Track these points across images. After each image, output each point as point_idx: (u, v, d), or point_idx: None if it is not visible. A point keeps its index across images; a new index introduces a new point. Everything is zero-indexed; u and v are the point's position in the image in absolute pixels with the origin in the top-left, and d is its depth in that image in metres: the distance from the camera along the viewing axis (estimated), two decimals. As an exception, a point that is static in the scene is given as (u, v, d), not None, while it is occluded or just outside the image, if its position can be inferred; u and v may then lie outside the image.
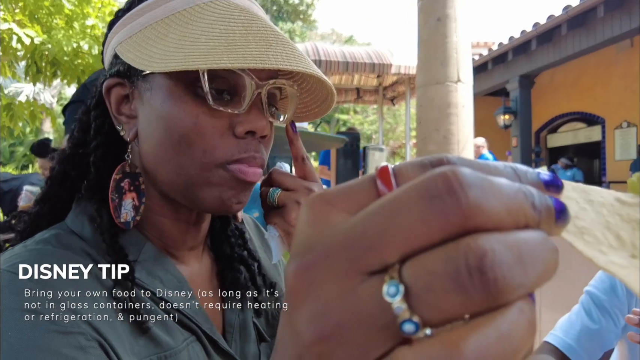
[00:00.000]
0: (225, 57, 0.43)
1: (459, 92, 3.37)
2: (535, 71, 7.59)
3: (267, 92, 0.49)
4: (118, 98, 0.51)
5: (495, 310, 0.15)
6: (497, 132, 9.06)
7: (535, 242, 0.16)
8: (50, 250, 0.46)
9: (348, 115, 20.26)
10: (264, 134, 0.49)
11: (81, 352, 0.39)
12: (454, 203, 0.15)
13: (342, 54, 4.34)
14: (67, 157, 0.54)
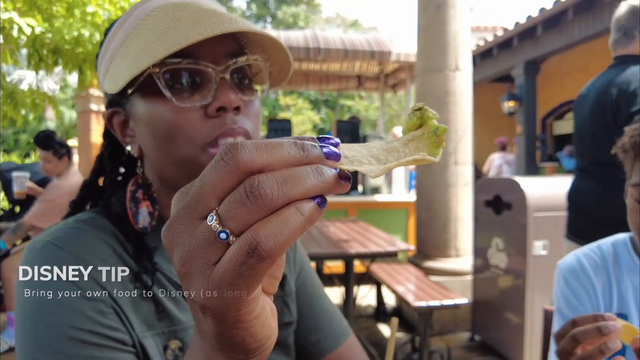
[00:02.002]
0: (159, 49, 0.47)
1: (458, 81, 3.35)
2: (541, 57, 7.47)
3: (230, 74, 0.52)
4: (119, 124, 0.59)
5: (276, 212, 0.25)
6: (502, 119, 8.98)
7: (301, 171, 0.25)
8: (86, 229, 0.55)
9: (353, 101, 20.10)
10: (235, 106, 0.52)
11: (101, 315, 0.49)
12: (228, 159, 0.25)
13: (342, 42, 4.31)
14: (88, 185, 0.64)
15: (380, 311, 3.60)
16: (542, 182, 2.81)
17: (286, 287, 0.69)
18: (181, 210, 0.26)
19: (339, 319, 0.75)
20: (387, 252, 2.52)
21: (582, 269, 0.96)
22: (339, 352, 0.72)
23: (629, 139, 0.86)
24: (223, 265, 0.25)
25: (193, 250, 0.25)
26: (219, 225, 0.25)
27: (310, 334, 0.71)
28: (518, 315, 2.65)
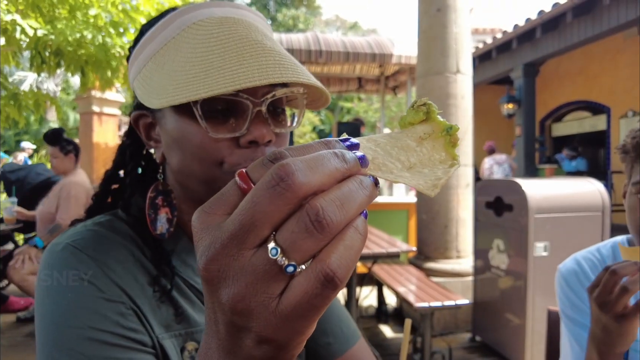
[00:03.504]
0: (202, 88, 0.47)
1: (458, 83, 3.38)
2: (540, 59, 7.50)
3: (267, 107, 0.52)
4: (145, 126, 0.60)
5: (337, 236, 0.24)
6: (501, 121, 9.01)
7: (350, 187, 0.25)
8: (104, 232, 0.56)
9: (352, 103, 20.12)
10: (266, 141, 0.52)
11: (121, 317, 0.50)
12: (286, 186, 0.23)
13: (343, 44, 4.33)
14: (109, 176, 0.64)
15: (381, 312, 3.61)
16: (543, 183, 2.83)
17: None
18: (227, 241, 0.24)
19: (348, 322, 0.75)
20: (389, 253, 2.54)
21: (582, 272, 0.98)
22: (349, 355, 0.72)
23: (631, 140, 0.87)
24: (294, 298, 0.23)
25: (252, 284, 0.24)
26: (284, 259, 0.23)
27: (321, 337, 0.71)
28: (519, 316, 2.67)
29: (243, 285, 0.24)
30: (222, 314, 0.25)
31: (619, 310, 0.70)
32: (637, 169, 0.84)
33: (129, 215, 0.59)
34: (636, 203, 0.83)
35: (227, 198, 0.26)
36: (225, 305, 0.25)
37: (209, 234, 0.25)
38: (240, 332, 0.25)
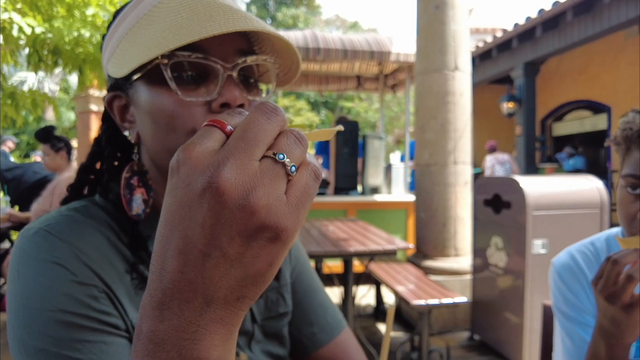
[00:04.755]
0: (170, 40, 0.47)
1: (457, 80, 3.36)
2: (540, 58, 7.49)
3: (238, 72, 0.52)
4: (119, 108, 0.59)
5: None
6: (501, 120, 8.99)
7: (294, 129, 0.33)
8: (79, 217, 0.55)
9: (353, 102, 20.12)
10: (239, 104, 0.52)
11: (94, 300, 0.49)
12: (278, 113, 0.31)
13: (341, 42, 4.31)
14: (85, 168, 0.63)
15: (379, 311, 3.59)
16: (542, 181, 2.81)
17: (281, 279, 0.70)
18: (238, 155, 0.29)
19: (333, 313, 0.75)
20: (386, 250, 2.52)
21: (577, 265, 0.97)
22: (333, 345, 0.72)
23: (621, 132, 0.86)
24: (299, 189, 0.31)
25: (268, 185, 0.29)
26: (289, 161, 0.30)
27: (305, 327, 0.72)
28: (517, 315, 2.65)
29: (260, 186, 0.29)
30: (235, 225, 0.29)
31: (626, 300, 0.69)
32: (627, 162, 0.84)
33: (106, 200, 0.58)
34: (624, 195, 0.83)
35: (211, 136, 0.31)
36: (246, 208, 0.28)
37: (210, 157, 0.29)
38: (258, 232, 0.29)
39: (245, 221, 0.28)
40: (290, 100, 21.05)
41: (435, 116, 3.37)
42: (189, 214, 0.29)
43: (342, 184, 4.54)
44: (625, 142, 0.84)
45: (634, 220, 0.79)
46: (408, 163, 4.82)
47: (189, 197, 0.29)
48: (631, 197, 0.81)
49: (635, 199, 0.80)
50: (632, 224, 0.80)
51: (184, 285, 0.29)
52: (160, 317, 0.30)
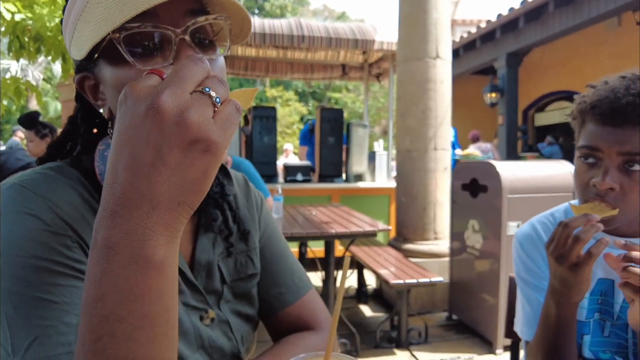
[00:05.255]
0: (117, 15, 0.49)
1: (438, 68, 3.43)
2: (523, 49, 7.60)
3: (191, 34, 0.53)
4: (90, 88, 0.61)
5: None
6: (484, 110, 9.12)
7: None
8: (54, 175, 0.57)
9: (340, 93, 20.14)
10: None
11: (66, 248, 0.50)
12: (205, 62, 0.39)
13: (326, 30, 4.35)
14: (56, 144, 0.66)
15: (361, 292, 3.69)
16: (517, 165, 2.91)
17: (250, 242, 0.74)
18: (174, 86, 0.36)
19: (300, 275, 0.79)
20: (366, 232, 2.60)
21: (537, 235, 1.02)
22: (299, 304, 0.76)
23: (577, 106, 0.91)
24: (224, 114, 0.38)
25: (198, 108, 0.36)
26: (214, 93, 0.38)
27: (273, 288, 0.76)
28: (493, 295, 2.76)
29: (192, 109, 0.36)
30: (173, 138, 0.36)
31: (573, 260, 0.75)
32: (582, 134, 0.89)
33: (79, 165, 0.60)
34: (579, 165, 0.88)
35: (151, 78, 0.39)
36: (181, 124, 0.35)
37: (151, 89, 0.36)
38: (192, 144, 0.36)
39: (181, 135, 0.35)
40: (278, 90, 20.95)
41: (417, 103, 3.44)
42: (136, 133, 0.35)
43: (326, 171, 4.61)
44: (580, 115, 0.90)
45: (587, 188, 0.85)
46: (392, 150, 4.90)
47: (135, 119, 0.36)
48: (585, 167, 0.86)
49: (588, 168, 0.85)
50: (586, 191, 0.86)
51: (133, 194, 0.35)
52: (112, 224, 0.36)
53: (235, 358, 0.69)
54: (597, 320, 0.93)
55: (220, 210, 0.71)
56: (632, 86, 0.81)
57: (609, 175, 0.80)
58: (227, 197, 0.73)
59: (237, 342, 0.69)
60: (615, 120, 0.81)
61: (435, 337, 2.98)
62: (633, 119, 0.79)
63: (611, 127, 0.81)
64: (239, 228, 0.73)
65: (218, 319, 0.66)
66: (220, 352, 0.65)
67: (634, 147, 0.79)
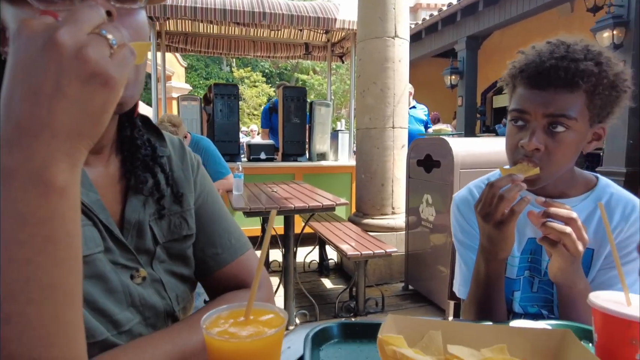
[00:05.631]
0: None
1: (396, 47, 3.50)
2: (482, 32, 7.82)
3: None
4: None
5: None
6: (445, 92, 9.37)
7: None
8: None
9: (308, 75, 20.01)
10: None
11: None
12: (100, 9, 0.40)
13: (288, 7, 4.32)
14: None
15: (323, 266, 3.80)
16: (468, 141, 3.05)
17: (184, 204, 0.74)
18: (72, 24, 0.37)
19: (238, 236, 0.80)
20: (325, 206, 2.67)
21: (473, 198, 1.07)
22: (236, 264, 0.78)
23: (508, 71, 0.94)
24: (120, 55, 0.40)
25: (95, 46, 0.38)
26: (110, 35, 0.40)
27: (209, 248, 0.76)
28: (446, 266, 2.92)
29: (90, 46, 0.38)
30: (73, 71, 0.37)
31: (497, 218, 0.79)
32: (513, 98, 0.93)
33: None
34: (510, 128, 0.92)
35: (45, 18, 0.39)
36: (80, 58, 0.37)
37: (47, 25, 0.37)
38: (91, 78, 0.37)
39: (80, 68, 0.37)
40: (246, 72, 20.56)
41: (376, 82, 3.51)
42: (33, 66, 0.36)
43: (290, 150, 4.64)
44: (511, 80, 0.93)
45: (516, 150, 0.89)
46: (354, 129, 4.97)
47: (32, 53, 0.37)
48: (515, 130, 0.90)
49: (517, 131, 0.90)
50: (515, 153, 0.90)
51: (33, 123, 0.37)
52: (10, 152, 0.36)
53: (169, 316, 0.70)
54: (527, 278, 1.00)
55: (151, 173, 0.71)
56: (556, 50, 0.86)
57: (535, 136, 0.85)
58: (159, 160, 0.73)
59: (171, 300, 0.70)
60: (541, 83, 0.85)
61: (392, 306, 3.13)
62: (556, 82, 0.83)
63: (537, 90, 0.86)
64: (172, 190, 0.73)
65: (150, 278, 0.67)
66: (152, 309, 0.67)
67: (557, 109, 0.83)
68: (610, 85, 0.85)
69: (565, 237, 0.76)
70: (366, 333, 0.74)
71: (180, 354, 0.62)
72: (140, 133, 0.72)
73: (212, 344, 0.47)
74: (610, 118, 0.90)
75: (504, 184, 0.79)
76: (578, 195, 0.96)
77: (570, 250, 0.77)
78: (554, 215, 0.78)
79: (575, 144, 0.87)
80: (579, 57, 0.84)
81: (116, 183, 0.68)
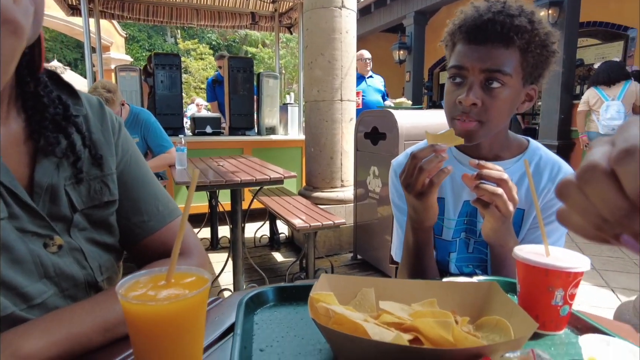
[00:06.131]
0: None
1: (344, 18, 3.46)
2: (430, 8, 7.92)
3: None
4: None
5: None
6: (393, 67, 9.47)
7: None
8: None
9: (257, 47, 19.46)
10: None
11: None
12: None
13: (231, -28, 4.11)
14: None
15: (274, 241, 3.80)
16: (413, 114, 3.11)
17: (105, 167, 0.70)
18: None
19: (166, 202, 0.77)
20: (273, 179, 2.64)
21: None
22: (165, 231, 0.75)
23: (448, 30, 0.95)
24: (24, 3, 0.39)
25: None
26: None
27: (135, 216, 0.73)
28: (391, 235, 3.00)
29: None
30: None
31: (418, 189, 0.79)
32: (452, 56, 0.93)
33: None
34: (449, 87, 0.93)
35: None
36: None
37: None
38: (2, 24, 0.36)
39: None
40: (192, 43, 19.63)
41: (323, 53, 3.46)
42: None
43: (237, 123, 4.52)
44: (451, 37, 0.94)
45: (454, 106, 0.90)
46: (302, 102, 4.92)
47: None
48: (453, 87, 0.91)
49: (455, 88, 0.90)
50: (453, 109, 0.91)
51: None
52: None
53: (91, 287, 0.67)
54: (463, 239, 1.03)
55: (64, 134, 0.65)
56: (493, 6, 0.87)
57: (472, 91, 0.86)
58: (72, 119, 0.67)
59: (93, 270, 0.66)
60: (478, 37, 0.86)
61: (342, 274, 3.19)
62: (493, 36, 0.85)
63: (475, 45, 0.87)
64: (90, 152, 0.68)
65: (68, 246, 0.63)
66: (71, 280, 0.63)
67: (493, 64, 0.85)
68: (542, 44, 0.87)
69: (497, 198, 0.78)
70: (301, 295, 0.73)
71: (102, 325, 0.58)
72: (47, 90, 0.65)
73: (129, 309, 0.44)
74: (541, 81, 0.93)
75: (426, 154, 0.78)
76: (511, 158, 1.00)
77: (501, 210, 0.79)
78: (486, 176, 0.79)
79: (510, 100, 0.89)
80: (514, 13, 0.85)
81: (21, 144, 0.62)
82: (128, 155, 0.76)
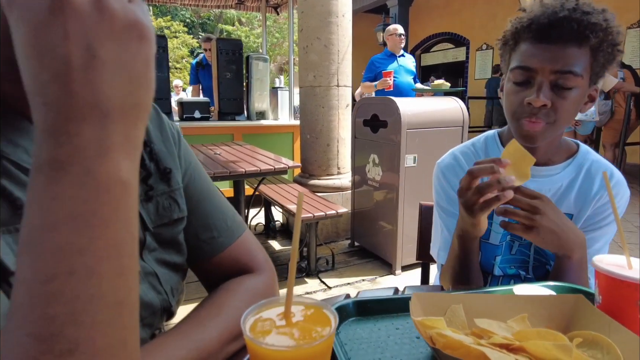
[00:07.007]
0: None
1: (339, 1, 3.37)
2: (414, -12, 7.85)
3: None
4: None
5: None
6: (376, 49, 9.41)
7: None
8: None
9: (233, 26, 18.90)
10: None
11: None
12: None
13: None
14: None
15: (270, 228, 3.77)
16: (413, 101, 3.10)
17: (173, 182, 0.65)
18: None
19: (233, 216, 0.73)
20: (277, 169, 2.59)
21: (459, 165, 1.05)
22: (235, 247, 0.71)
23: (511, 29, 0.91)
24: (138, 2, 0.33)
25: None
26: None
27: (204, 233, 0.69)
28: (391, 222, 3.02)
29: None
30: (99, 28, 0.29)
31: (471, 206, 0.79)
32: (513, 57, 0.90)
33: None
34: (511, 89, 0.90)
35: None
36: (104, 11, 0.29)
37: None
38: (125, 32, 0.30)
39: (108, 23, 0.29)
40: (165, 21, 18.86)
41: (319, 37, 3.38)
42: (49, 34, 0.28)
43: (226, 108, 4.40)
44: (514, 37, 0.90)
45: (519, 108, 0.87)
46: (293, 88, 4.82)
47: (40, 20, 0.28)
48: (516, 89, 0.88)
49: (520, 90, 0.87)
50: (518, 111, 0.88)
51: (75, 104, 0.29)
52: (57, 143, 0.29)
53: (167, 313, 0.63)
54: (508, 242, 1.03)
55: None
56: (567, 4, 0.83)
57: (542, 92, 0.83)
58: None
59: (168, 295, 0.62)
60: (551, 36, 0.83)
61: (341, 263, 3.21)
62: (566, 35, 0.82)
63: (545, 44, 0.83)
64: (157, 167, 0.63)
65: (143, 271, 0.59)
66: (149, 308, 0.59)
67: (564, 64, 0.82)
68: (613, 43, 0.84)
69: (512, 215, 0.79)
70: (374, 309, 0.72)
71: (195, 358, 0.55)
72: None
73: (258, 351, 0.42)
74: (599, 81, 0.91)
75: (484, 174, 0.76)
76: (561, 162, 0.99)
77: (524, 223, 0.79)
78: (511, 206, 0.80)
79: (578, 101, 0.87)
80: (589, 11, 0.82)
81: None
82: (191, 168, 0.70)
